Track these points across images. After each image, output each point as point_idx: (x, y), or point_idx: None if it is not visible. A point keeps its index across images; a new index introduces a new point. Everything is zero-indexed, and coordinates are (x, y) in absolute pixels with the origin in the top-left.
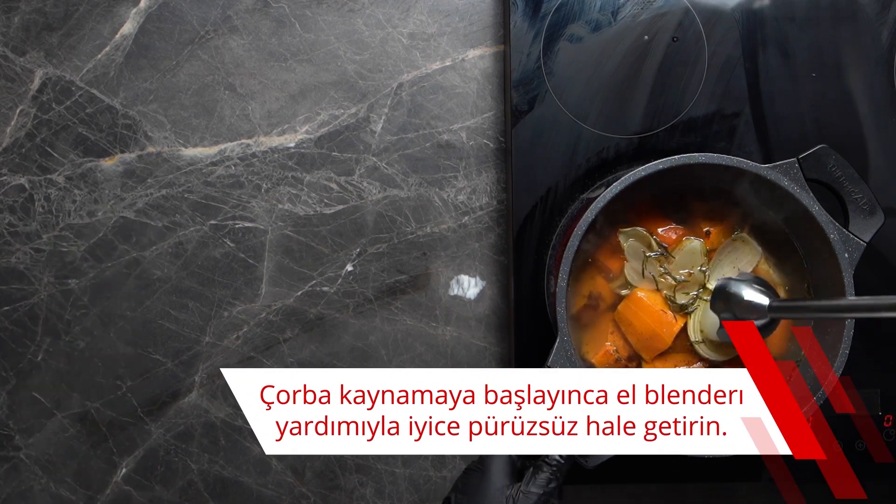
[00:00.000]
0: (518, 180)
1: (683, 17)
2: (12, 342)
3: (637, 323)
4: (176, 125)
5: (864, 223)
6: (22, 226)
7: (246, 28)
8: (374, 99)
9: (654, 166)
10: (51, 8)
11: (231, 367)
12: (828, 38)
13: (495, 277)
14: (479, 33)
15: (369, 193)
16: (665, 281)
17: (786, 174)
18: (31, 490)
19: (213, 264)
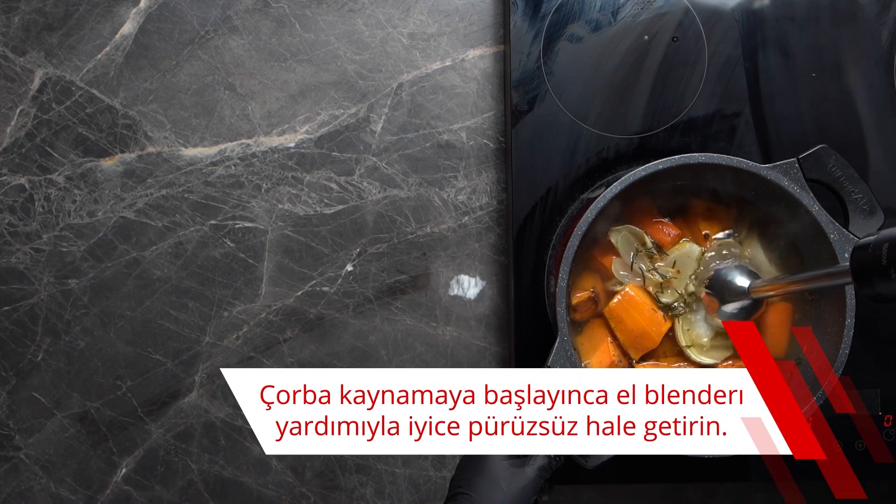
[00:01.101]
0: (518, 180)
1: (683, 17)
2: (12, 342)
3: (628, 320)
4: (176, 125)
5: (864, 223)
6: (22, 226)
7: (246, 28)
8: (374, 99)
9: (654, 166)
10: (51, 8)
11: (231, 367)
12: (828, 38)
13: (495, 277)
14: (479, 33)
15: (369, 193)
16: (652, 277)
17: (786, 174)
18: (31, 490)
19: (213, 264)
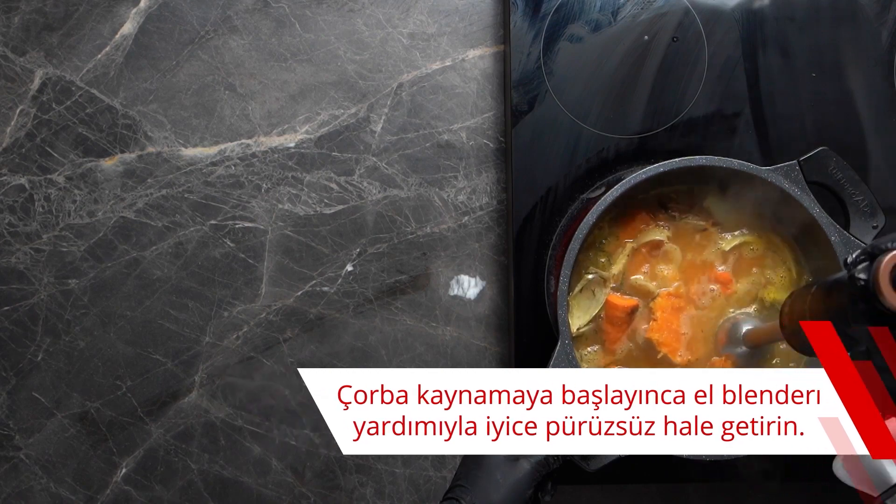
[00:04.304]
0: (518, 180)
1: (683, 17)
2: (12, 342)
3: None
4: (176, 125)
5: (865, 225)
6: (22, 226)
7: (246, 28)
8: (374, 99)
9: (655, 169)
10: (51, 8)
11: (231, 366)
12: (828, 38)
13: (495, 277)
14: (479, 33)
15: (369, 193)
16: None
17: (786, 176)
18: (31, 490)
19: (213, 264)
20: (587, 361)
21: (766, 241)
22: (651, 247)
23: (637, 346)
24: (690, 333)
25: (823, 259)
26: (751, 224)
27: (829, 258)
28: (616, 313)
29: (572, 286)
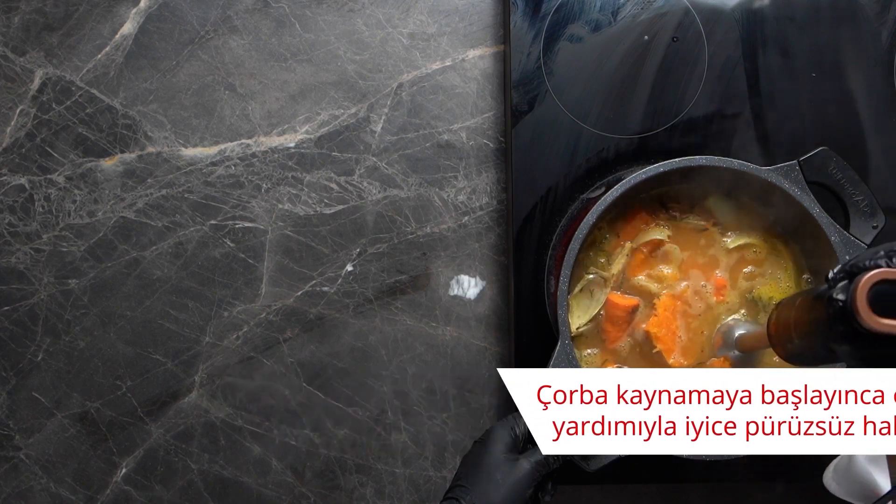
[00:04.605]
0: (518, 180)
1: (683, 17)
2: (12, 342)
3: None
4: (176, 125)
5: (865, 225)
6: (22, 226)
7: (246, 28)
8: (374, 99)
9: (655, 169)
10: (51, 8)
11: (231, 366)
12: (828, 38)
13: (495, 277)
14: (479, 33)
15: (369, 193)
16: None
17: (786, 176)
18: (31, 490)
19: (213, 264)
20: (587, 362)
21: (768, 242)
22: (651, 246)
23: (634, 340)
24: (686, 339)
25: (823, 259)
26: (751, 224)
27: (829, 258)
28: (617, 312)
29: (572, 286)
